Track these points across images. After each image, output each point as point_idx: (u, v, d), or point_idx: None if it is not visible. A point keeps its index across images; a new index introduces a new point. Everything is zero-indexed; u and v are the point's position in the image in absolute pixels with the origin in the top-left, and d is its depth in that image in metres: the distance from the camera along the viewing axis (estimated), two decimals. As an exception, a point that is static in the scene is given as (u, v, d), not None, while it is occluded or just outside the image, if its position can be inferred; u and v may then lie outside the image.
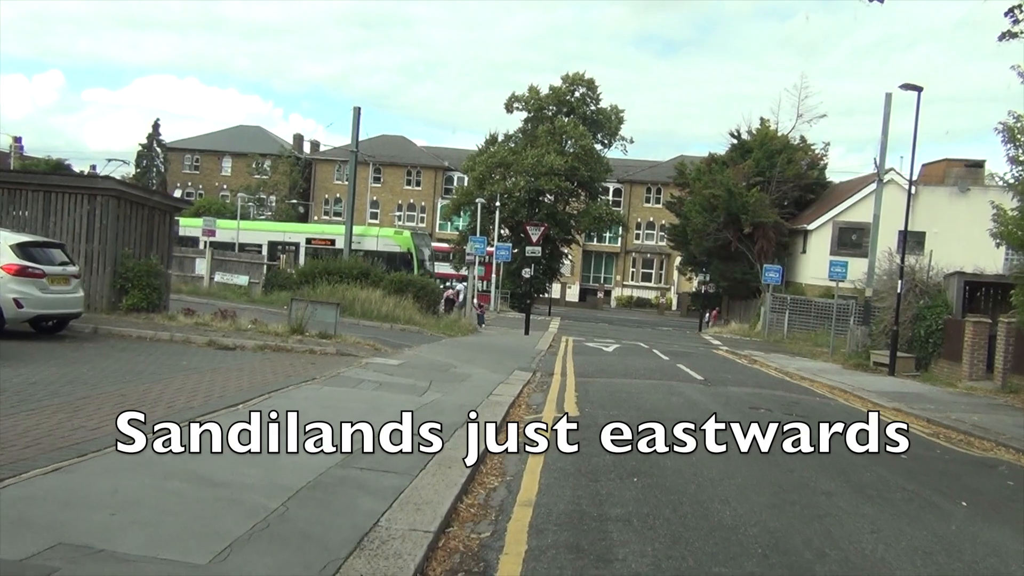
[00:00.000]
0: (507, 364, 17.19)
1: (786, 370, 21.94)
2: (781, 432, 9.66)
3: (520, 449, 8.17)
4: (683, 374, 17.63)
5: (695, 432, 9.15)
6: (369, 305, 26.44)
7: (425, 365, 14.47)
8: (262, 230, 43.18)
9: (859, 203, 40.99)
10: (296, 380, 10.91)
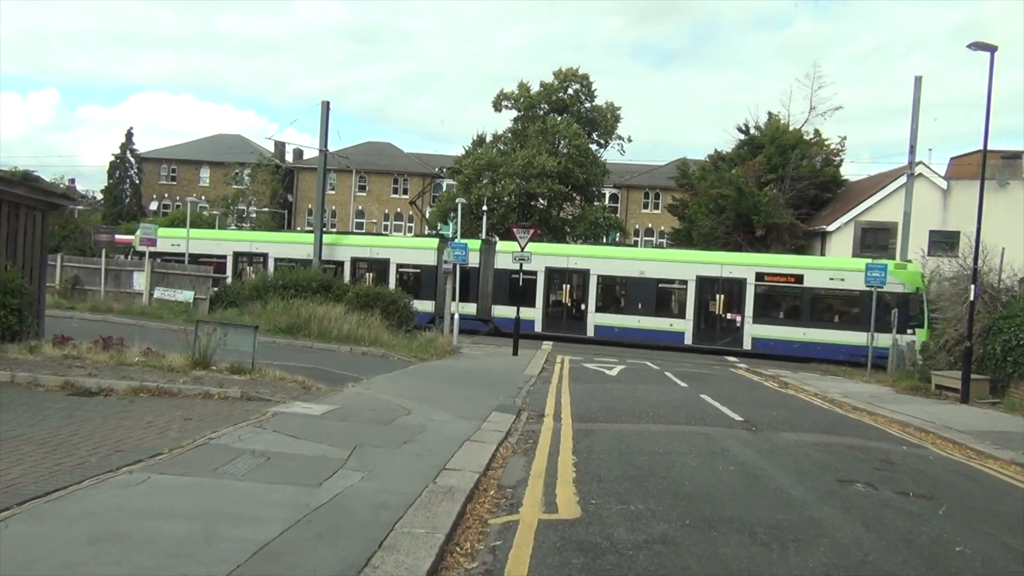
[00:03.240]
0: (484, 401, 13.10)
1: (829, 396, 17.93)
2: (938, 547, 5.58)
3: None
4: (714, 411, 13.52)
5: (795, 552, 5.07)
6: (328, 324, 22.35)
7: (363, 413, 10.35)
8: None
9: (884, 201, 37.03)
10: (131, 456, 6.83)
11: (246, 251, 35.25)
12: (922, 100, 32.15)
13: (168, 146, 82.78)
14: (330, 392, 11.98)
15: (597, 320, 31.02)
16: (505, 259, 30.71)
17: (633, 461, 8.71)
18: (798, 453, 9.74)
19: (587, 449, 9.37)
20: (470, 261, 31.25)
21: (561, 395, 15.18)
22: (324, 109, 34.62)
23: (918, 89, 32.58)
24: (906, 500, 7.54)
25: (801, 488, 7.65)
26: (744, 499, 7.12)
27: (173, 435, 7.86)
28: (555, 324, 31.39)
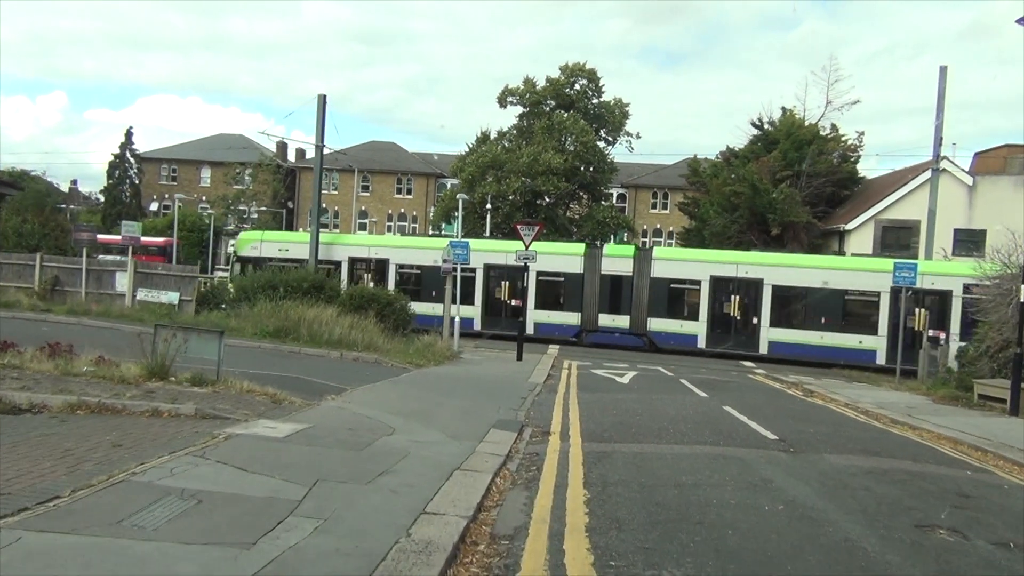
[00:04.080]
0: (482, 415, 11.56)
1: (862, 407, 16.34)
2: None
3: None
4: (742, 428, 11.93)
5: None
6: (319, 327, 20.83)
7: (337, 433, 8.81)
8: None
9: (906, 198, 35.36)
10: (15, 502, 5.31)
11: (363, 257, 32.66)
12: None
13: (169, 146, 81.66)
14: (304, 407, 10.44)
15: (772, 335, 27.81)
16: (664, 267, 28.99)
17: (658, 497, 7.14)
18: (854, 485, 8.15)
19: (601, 480, 7.81)
20: (621, 268, 29.42)
21: (569, 407, 13.63)
22: (321, 103, 33.16)
23: (943, 80, 30.98)
24: (1010, 554, 5.97)
25: (876, 539, 6.05)
26: (809, 559, 5.51)
27: (88, 468, 6.33)
28: (721, 339, 28.40)
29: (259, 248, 32.28)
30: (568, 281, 29.93)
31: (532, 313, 29.29)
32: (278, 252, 31.93)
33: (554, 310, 29.90)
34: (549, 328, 29.67)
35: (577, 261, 29.85)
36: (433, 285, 29.64)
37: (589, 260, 29.77)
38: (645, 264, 29.27)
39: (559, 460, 8.85)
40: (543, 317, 29.80)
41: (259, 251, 32.09)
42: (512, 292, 30.09)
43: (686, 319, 28.44)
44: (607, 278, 29.54)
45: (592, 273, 29.70)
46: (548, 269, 29.65)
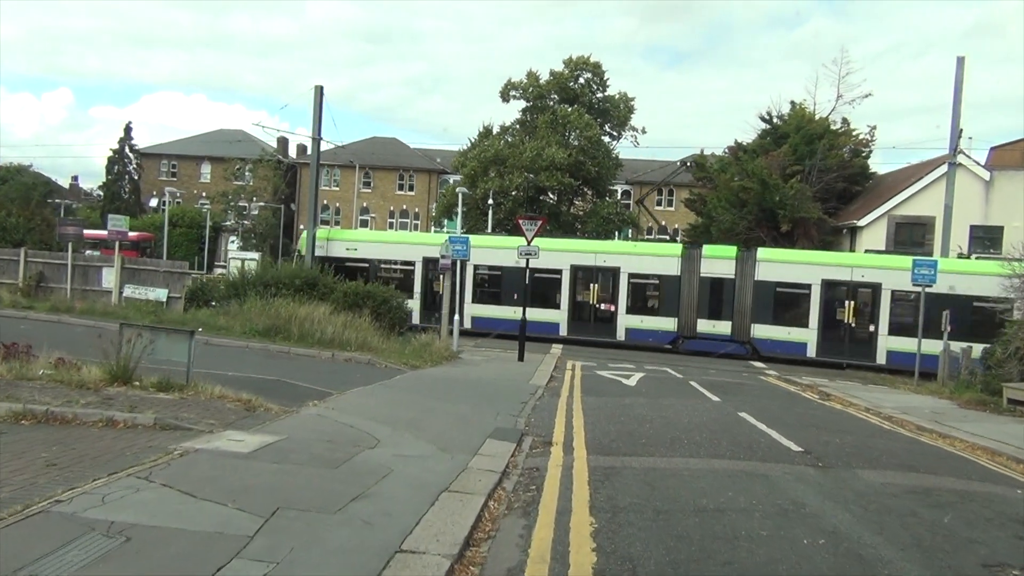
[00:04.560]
0: (479, 423, 10.60)
1: (885, 412, 15.35)
2: None
3: None
4: (762, 438, 10.91)
5: None
6: (310, 326, 19.88)
7: (311, 447, 7.83)
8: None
9: (920, 194, 34.30)
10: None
11: (435, 257, 30.85)
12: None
13: (168, 141, 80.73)
14: (281, 415, 9.46)
15: (890, 344, 25.59)
16: (769, 269, 26.92)
17: (677, 528, 6.14)
18: (899, 509, 7.15)
19: (609, 503, 6.82)
20: (722, 270, 27.40)
21: (573, 412, 12.65)
22: (317, 94, 32.24)
23: (960, 71, 29.91)
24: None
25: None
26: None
27: (4, 496, 5.36)
28: (833, 348, 26.25)
29: (325, 247, 30.37)
30: (663, 284, 27.95)
31: (623, 318, 27.78)
32: (346, 252, 30.15)
33: (647, 315, 27.98)
34: (641, 334, 27.86)
35: (673, 262, 27.83)
36: (515, 287, 27.99)
37: (687, 261, 27.76)
38: (749, 266, 27.24)
39: (562, 477, 7.87)
40: (635, 322, 27.88)
41: (325, 250, 30.18)
42: (601, 295, 28.31)
43: (794, 326, 26.31)
44: (707, 281, 27.41)
45: (690, 275, 27.65)
46: (640, 271, 28.03)
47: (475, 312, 28.98)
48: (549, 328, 28.04)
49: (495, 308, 28.84)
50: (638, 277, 28.19)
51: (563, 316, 28.45)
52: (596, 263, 28.38)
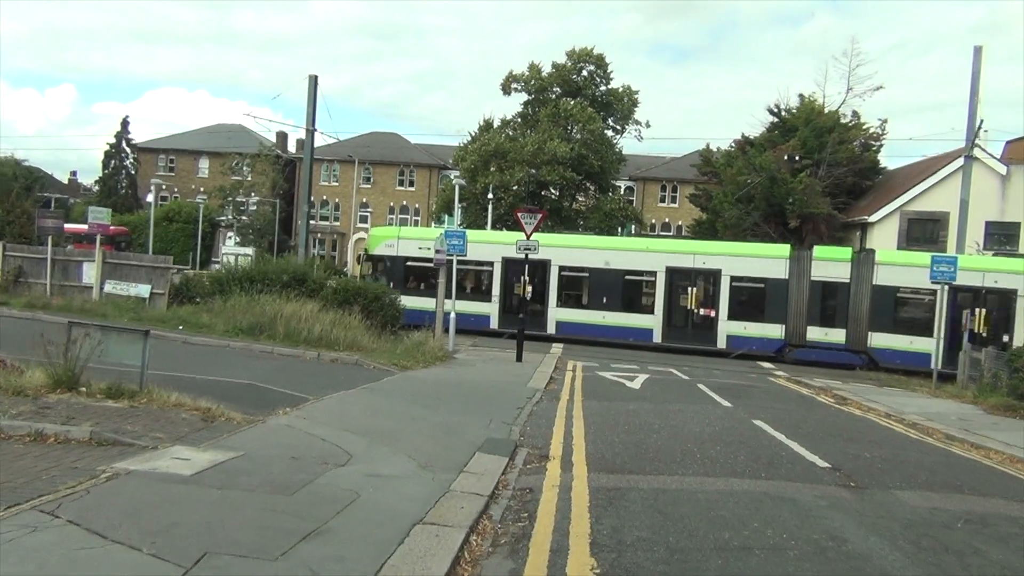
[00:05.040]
0: (468, 432, 9.56)
1: (908, 419, 14.30)
2: None
3: None
4: (783, 450, 9.83)
5: None
6: (297, 324, 18.82)
7: (270, 466, 6.77)
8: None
9: (933, 189, 33.23)
10: None
11: (520, 257, 27.92)
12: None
13: (166, 135, 79.70)
14: (243, 426, 8.40)
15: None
16: (889, 273, 24.85)
17: (697, 571, 5.08)
18: (956, 544, 6.06)
19: (614, 538, 5.76)
20: (836, 274, 25.29)
21: (573, 420, 11.59)
22: (311, 84, 31.24)
23: (977, 61, 28.73)
24: None
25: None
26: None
27: None
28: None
29: (395, 246, 28.83)
30: (769, 288, 25.89)
31: (724, 324, 26.05)
32: (417, 251, 27.97)
33: (751, 321, 25.93)
34: (744, 342, 25.95)
35: (781, 265, 25.85)
36: (604, 290, 26.87)
37: (795, 264, 25.80)
38: (866, 269, 25.17)
39: (558, 502, 6.80)
40: (737, 329, 25.98)
41: (394, 250, 28.75)
42: (701, 299, 26.37)
43: (918, 335, 23.95)
44: (818, 285, 25.39)
45: (799, 279, 25.66)
46: (744, 273, 26.15)
47: (560, 317, 27.42)
48: (641, 334, 26.58)
49: (582, 312, 27.28)
50: (741, 280, 26.28)
51: (657, 322, 26.68)
52: (694, 265, 26.46)
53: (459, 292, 27.71)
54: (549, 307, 27.40)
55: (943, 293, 21.34)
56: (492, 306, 27.77)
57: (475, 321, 27.28)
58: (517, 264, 27.20)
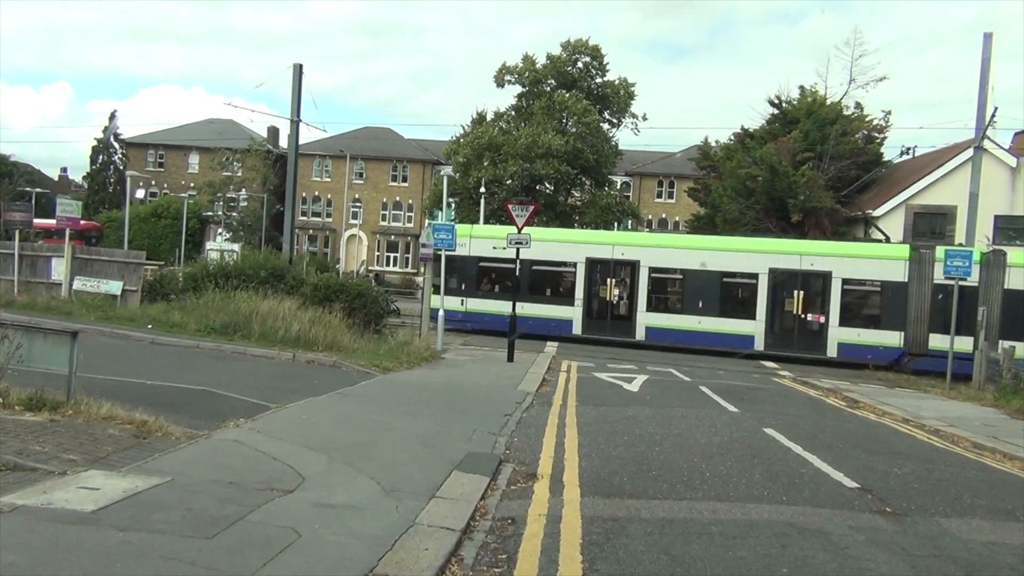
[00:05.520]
0: (446, 448, 8.44)
1: (928, 424, 13.21)
2: None
3: None
4: (805, 468, 8.66)
5: None
6: (273, 322, 17.69)
7: (196, 497, 5.62)
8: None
9: (940, 182, 32.11)
10: None
11: (605, 258, 26.25)
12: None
13: (156, 131, 78.43)
14: (182, 442, 7.26)
15: None
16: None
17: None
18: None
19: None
20: (892, 273, 23.66)
21: (565, 428, 10.47)
22: (296, 73, 29.97)
23: (987, 47, 27.62)
24: None
25: None
26: None
27: None
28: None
29: (467, 245, 26.74)
30: (886, 291, 23.94)
31: (835, 331, 24.08)
32: (492, 251, 26.35)
33: (865, 328, 23.92)
34: (858, 351, 23.89)
35: (899, 266, 23.82)
36: (700, 293, 25.13)
37: (916, 265, 23.71)
38: (996, 272, 23.04)
39: (545, 538, 5.67)
40: (850, 336, 23.88)
41: (467, 249, 26.71)
42: (809, 304, 24.08)
43: None
44: (941, 288, 23.03)
45: (920, 282, 23.63)
46: (857, 276, 24.25)
47: (650, 322, 25.60)
48: (741, 341, 24.83)
49: (674, 318, 25.43)
50: (854, 283, 24.35)
51: (759, 328, 24.85)
52: (801, 266, 24.43)
53: (536, 295, 26.67)
54: (637, 312, 25.62)
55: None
56: (574, 310, 26.13)
57: (555, 326, 26.07)
58: (603, 265, 26.17)
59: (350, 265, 62.48)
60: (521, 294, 26.00)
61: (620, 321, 25.80)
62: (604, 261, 26.07)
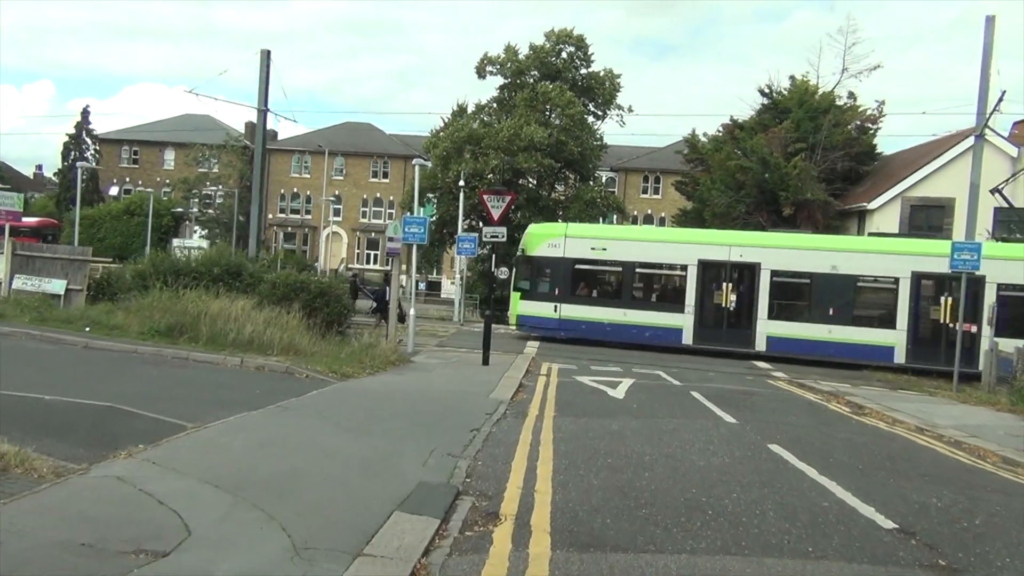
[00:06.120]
0: (393, 477, 6.95)
1: (944, 433, 11.89)
2: None
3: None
4: (827, 499, 7.17)
5: None
6: (224, 324, 16.10)
7: (17, 570, 4.10)
8: None
9: (937, 173, 30.86)
10: None
11: (720, 260, 23.81)
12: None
13: (130, 127, 76.46)
14: (46, 481, 5.70)
15: None
16: None
17: None
18: None
19: None
20: None
21: (540, 447, 8.98)
22: (264, 59, 28.42)
23: (990, 31, 26.23)
24: None
25: None
26: None
27: None
28: None
29: (561, 246, 24.80)
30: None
31: (991, 343, 20.49)
32: (591, 252, 24.58)
33: None
34: None
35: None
36: (830, 299, 22.74)
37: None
38: None
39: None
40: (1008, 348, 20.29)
41: (561, 250, 24.76)
42: (960, 312, 19.72)
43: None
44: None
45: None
46: (1018, 281, 21.59)
47: (772, 331, 23.16)
48: (879, 353, 22.32)
49: (800, 326, 23.01)
50: (1012, 288, 21.62)
51: (900, 338, 22.37)
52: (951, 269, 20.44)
53: (640, 301, 24.59)
54: (757, 319, 23.20)
55: None
56: (684, 318, 23.82)
57: (661, 336, 23.95)
58: (718, 268, 23.69)
59: (330, 263, 60.89)
60: (623, 300, 24.35)
61: (737, 330, 23.49)
62: (719, 263, 23.72)
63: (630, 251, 24.40)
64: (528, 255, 25.70)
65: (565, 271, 24.68)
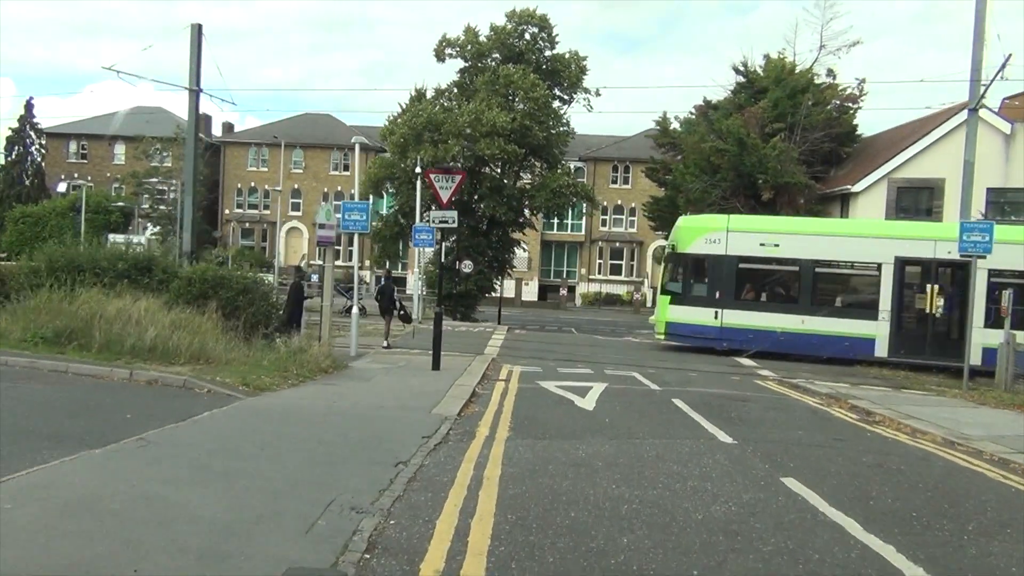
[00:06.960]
0: (242, 567, 4.49)
1: (976, 445, 9.83)
2: None
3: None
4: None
5: None
6: (122, 327, 13.56)
7: None
8: None
9: (925, 153, 28.91)
10: None
11: (923, 257, 20.52)
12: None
13: (77, 120, 72.88)
14: None
15: None
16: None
17: None
18: None
19: None
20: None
21: (479, 494, 6.62)
22: (194, 34, 25.63)
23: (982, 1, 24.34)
24: None
25: None
26: None
27: None
28: None
29: (722, 241, 21.61)
30: None
31: None
32: (759, 248, 21.53)
33: None
34: None
35: None
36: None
37: None
38: None
39: None
40: None
41: (722, 246, 21.57)
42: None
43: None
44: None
45: None
46: None
47: (991, 341, 18.16)
48: None
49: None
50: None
51: None
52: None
53: (821, 306, 21.21)
54: (975, 328, 18.25)
55: None
56: (877, 325, 20.52)
57: (848, 346, 20.69)
58: (919, 267, 20.47)
59: (290, 260, 58.23)
60: (800, 304, 21.05)
61: (944, 340, 20.19)
62: (921, 261, 20.52)
63: (809, 247, 21.23)
64: (679, 252, 22.40)
65: (728, 271, 21.54)
